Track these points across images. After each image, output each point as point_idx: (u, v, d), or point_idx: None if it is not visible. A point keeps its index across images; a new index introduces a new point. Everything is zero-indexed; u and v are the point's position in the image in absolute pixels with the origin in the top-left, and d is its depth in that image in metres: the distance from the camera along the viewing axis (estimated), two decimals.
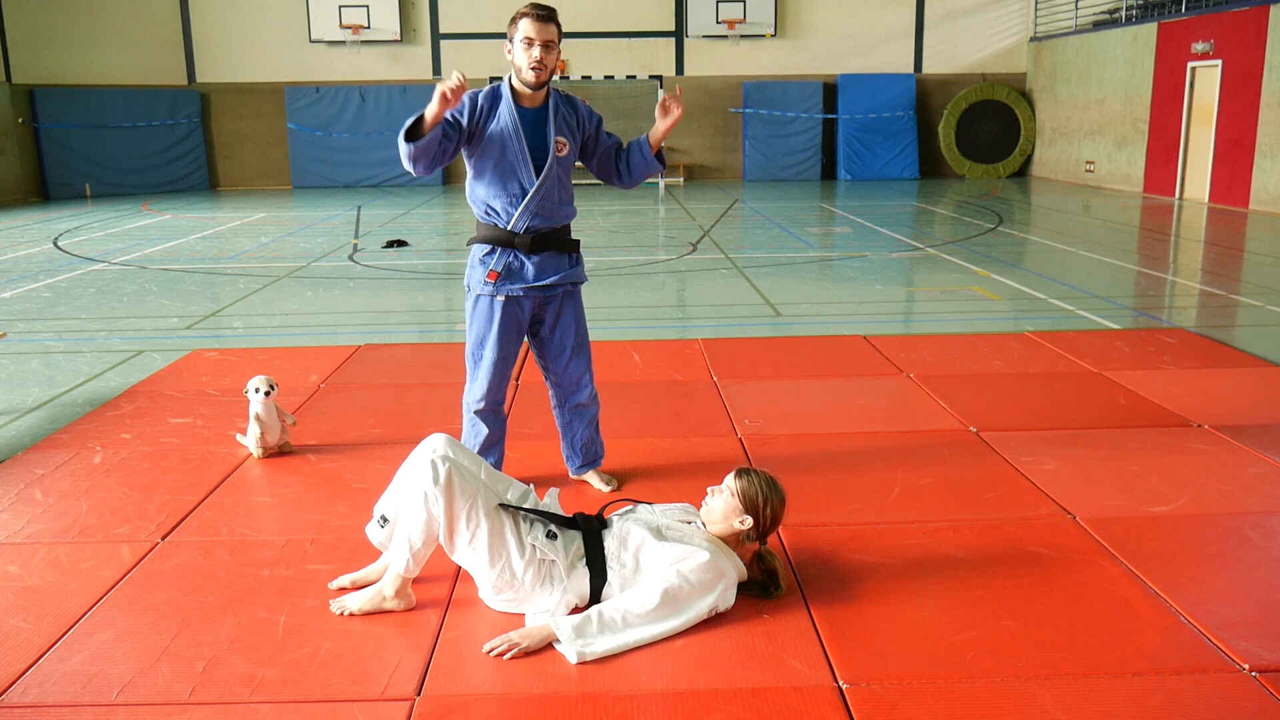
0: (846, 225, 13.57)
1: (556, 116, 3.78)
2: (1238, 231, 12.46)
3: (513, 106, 3.71)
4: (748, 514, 3.12)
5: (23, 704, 2.67)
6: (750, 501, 3.12)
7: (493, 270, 3.81)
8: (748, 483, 3.14)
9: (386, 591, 3.09)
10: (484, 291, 3.84)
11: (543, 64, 3.63)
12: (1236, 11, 14.73)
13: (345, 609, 3.09)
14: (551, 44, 3.65)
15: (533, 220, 3.79)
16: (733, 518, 3.13)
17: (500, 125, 3.70)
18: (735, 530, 3.14)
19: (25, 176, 18.67)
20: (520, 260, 3.82)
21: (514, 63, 3.68)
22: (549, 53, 3.64)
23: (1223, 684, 2.68)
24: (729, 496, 3.14)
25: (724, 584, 3.01)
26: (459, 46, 20.80)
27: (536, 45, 3.61)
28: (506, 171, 3.74)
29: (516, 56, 3.67)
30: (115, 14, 19.82)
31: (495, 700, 2.66)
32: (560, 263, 3.90)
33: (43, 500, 4.03)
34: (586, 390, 4.08)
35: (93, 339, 7.19)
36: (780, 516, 3.17)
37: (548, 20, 3.66)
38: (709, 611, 2.98)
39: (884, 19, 21.03)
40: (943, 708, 2.58)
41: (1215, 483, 4.07)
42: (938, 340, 6.58)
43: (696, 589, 2.95)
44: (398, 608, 3.09)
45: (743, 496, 3.12)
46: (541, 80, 3.67)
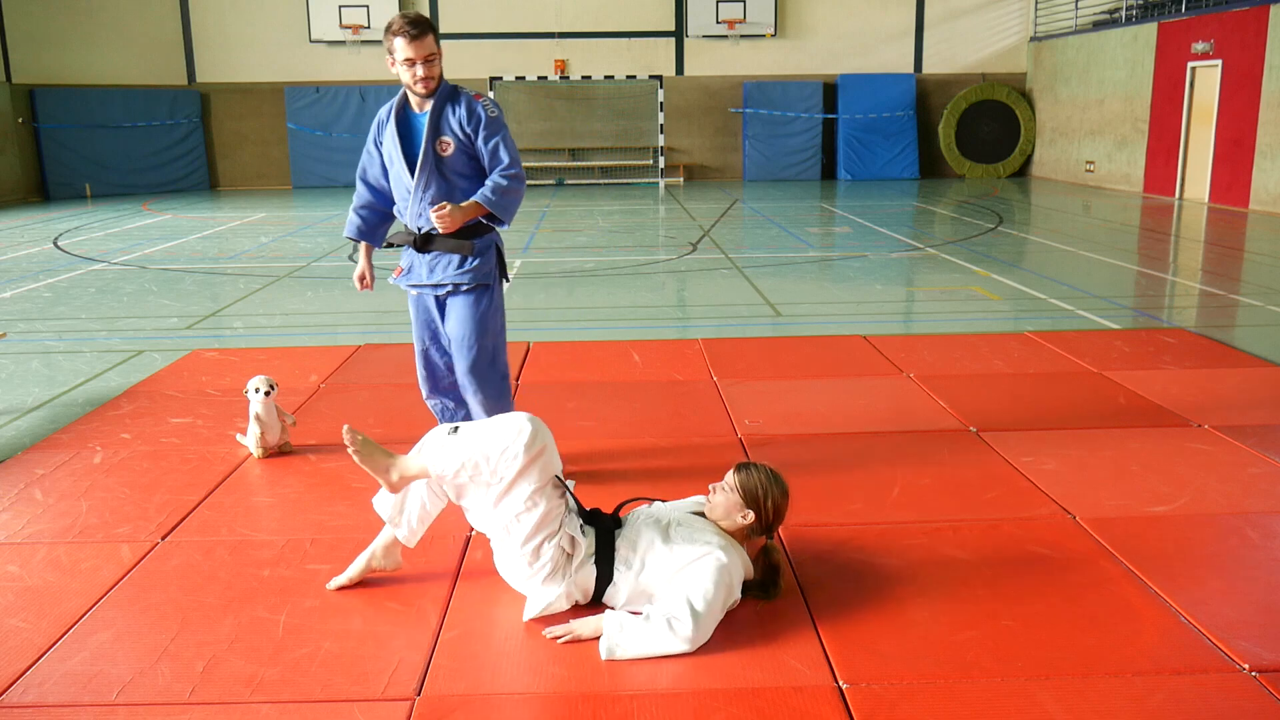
0: (846, 225, 13.57)
1: (439, 118, 3.83)
2: (1238, 231, 12.46)
3: (394, 118, 3.88)
4: (749, 508, 3.11)
5: (23, 704, 2.67)
6: (751, 495, 3.12)
7: (399, 266, 4.02)
8: (747, 476, 3.14)
9: (377, 551, 3.22)
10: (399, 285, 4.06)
11: (428, 77, 3.75)
12: (1236, 11, 14.73)
13: (339, 584, 3.21)
14: (432, 56, 3.73)
15: (419, 220, 3.89)
16: (735, 513, 3.13)
17: (386, 133, 3.90)
18: (739, 525, 3.13)
19: (25, 176, 18.67)
20: (416, 258, 3.96)
21: (400, 77, 3.80)
22: (431, 66, 3.74)
23: (1223, 684, 2.68)
24: (730, 492, 3.14)
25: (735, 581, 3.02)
26: (459, 46, 20.79)
27: (418, 64, 3.71)
28: (397, 178, 3.92)
29: (401, 75, 3.77)
30: (115, 14, 19.82)
31: (495, 700, 2.66)
32: (448, 263, 3.92)
33: (43, 500, 4.03)
34: (475, 397, 4.00)
35: (93, 339, 7.18)
36: (783, 509, 3.17)
37: (422, 35, 3.70)
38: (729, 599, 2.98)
39: (884, 19, 21.03)
40: (943, 708, 2.58)
41: (1215, 483, 4.07)
42: (938, 340, 6.58)
43: (717, 600, 2.93)
44: (385, 567, 3.23)
45: (743, 491, 3.12)
46: (430, 90, 3.79)
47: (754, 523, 3.13)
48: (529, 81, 20.68)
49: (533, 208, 16.61)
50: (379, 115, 4.00)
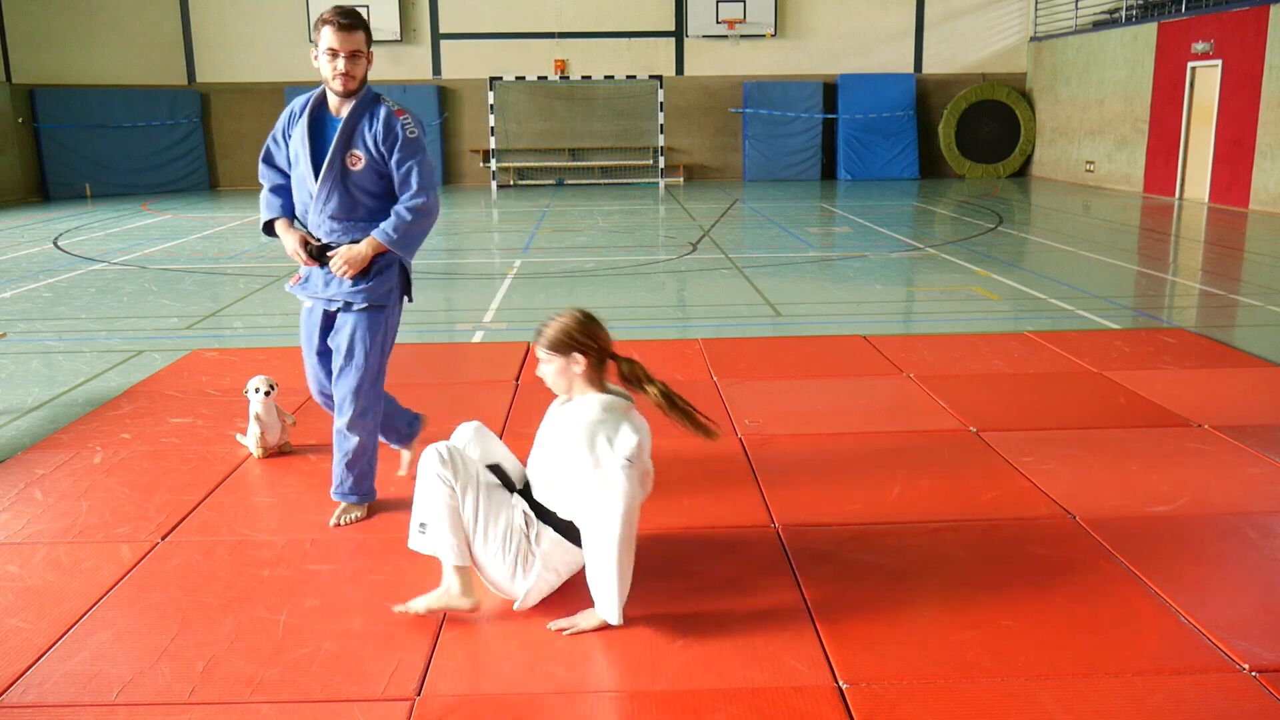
0: (846, 225, 13.57)
1: (354, 129, 3.61)
2: (1238, 231, 12.46)
3: (308, 117, 3.64)
4: (571, 353, 3.04)
5: (23, 704, 2.67)
6: (558, 343, 3.05)
7: (296, 274, 3.83)
8: (541, 334, 3.07)
9: (453, 589, 3.04)
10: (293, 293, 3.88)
11: (350, 74, 3.53)
12: (1236, 11, 14.73)
13: (412, 609, 3.05)
14: (358, 53, 3.53)
15: (318, 231, 3.70)
16: (568, 371, 3.06)
17: (294, 134, 3.69)
18: (583, 377, 3.06)
19: (25, 176, 18.67)
20: (315, 270, 3.75)
21: (321, 71, 3.58)
22: (355, 63, 3.53)
23: (1223, 684, 2.68)
24: (546, 364, 3.08)
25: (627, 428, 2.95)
26: (459, 46, 20.81)
27: (341, 57, 3.51)
28: (300, 180, 3.71)
29: (322, 67, 3.57)
30: (115, 14, 19.82)
31: (495, 700, 2.66)
32: (338, 281, 3.69)
33: (43, 500, 4.03)
34: (345, 416, 3.77)
35: (93, 339, 7.18)
36: (594, 328, 3.09)
37: (352, 29, 3.51)
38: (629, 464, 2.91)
39: (884, 19, 21.03)
40: (943, 708, 2.58)
41: (1215, 483, 4.07)
42: (938, 340, 6.58)
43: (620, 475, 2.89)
44: (464, 607, 3.04)
45: (550, 348, 3.06)
46: (349, 89, 3.56)
47: (590, 361, 3.05)
48: (529, 81, 20.68)
49: (533, 208, 16.61)
50: (291, 106, 3.73)
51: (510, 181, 20.99)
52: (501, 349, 6.57)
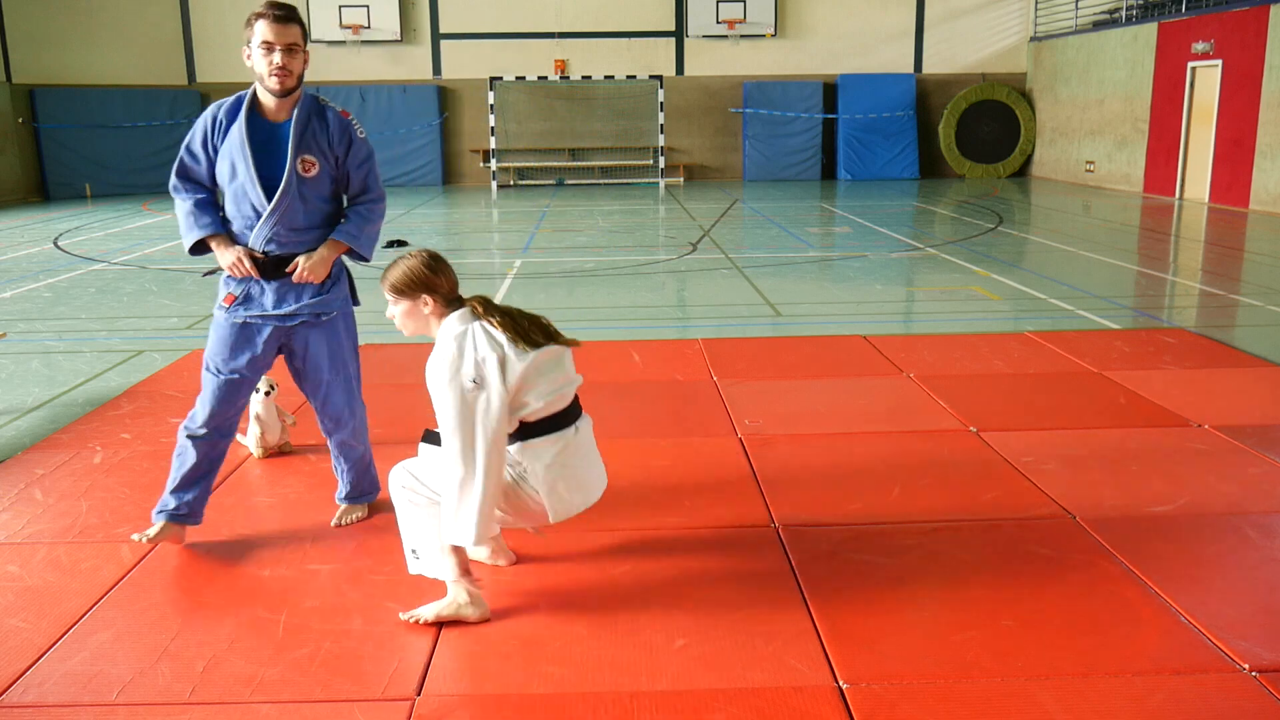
0: (846, 225, 13.57)
1: (304, 132, 3.41)
2: (1238, 231, 12.46)
3: (244, 123, 3.37)
4: (417, 296, 3.00)
5: (23, 704, 2.67)
6: (402, 286, 3.00)
7: (230, 294, 3.52)
8: (391, 278, 3.02)
9: (460, 599, 3.02)
10: (220, 309, 3.54)
11: (286, 70, 3.30)
12: (1236, 11, 14.73)
13: (417, 617, 3.02)
14: (295, 47, 3.31)
15: (268, 245, 3.45)
16: (418, 312, 3.02)
17: (229, 143, 3.38)
18: (432, 314, 3.02)
19: (25, 176, 18.67)
20: (260, 286, 3.49)
21: (254, 70, 3.34)
22: (292, 57, 3.31)
23: (1223, 684, 2.68)
24: (392, 305, 3.04)
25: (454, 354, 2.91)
26: (459, 46, 20.80)
27: (277, 50, 3.28)
28: (239, 193, 3.42)
29: (256, 63, 3.33)
30: (115, 14, 19.82)
31: (495, 700, 2.66)
32: (301, 291, 3.52)
33: (43, 500, 4.03)
34: (348, 427, 3.72)
35: (93, 339, 7.19)
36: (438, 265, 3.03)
37: (288, 21, 3.31)
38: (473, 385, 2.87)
39: (884, 19, 21.04)
40: (943, 708, 2.58)
41: (1215, 483, 4.07)
42: (938, 340, 6.58)
43: (444, 390, 2.87)
44: (473, 617, 3.01)
45: (395, 292, 3.02)
46: (287, 87, 3.33)
47: (438, 300, 3.00)
48: (529, 81, 20.68)
49: (533, 208, 16.61)
50: (211, 114, 3.41)
51: (510, 181, 20.99)
52: None
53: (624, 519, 3.78)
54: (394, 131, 20.58)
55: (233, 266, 3.44)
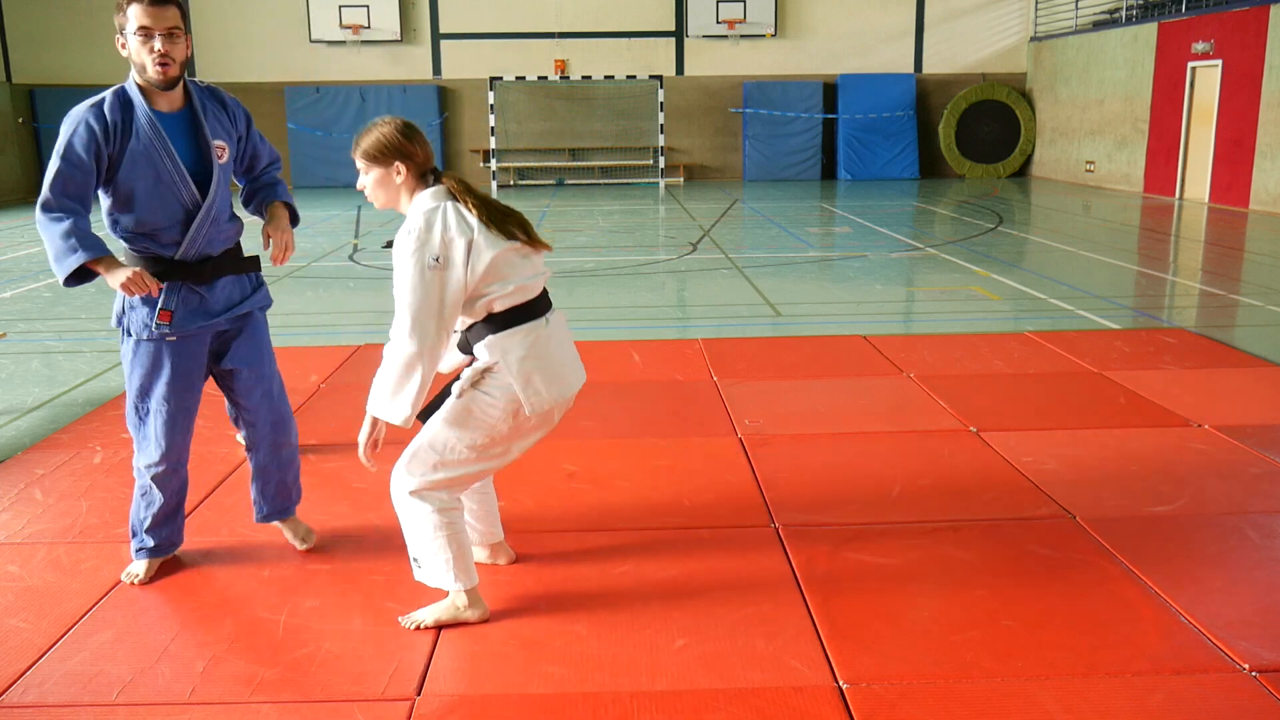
0: (846, 225, 13.57)
1: (208, 117, 3.17)
2: (1238, 231, 12.46)
3: (150, 114, 3.04)
4: (390, 163, 2.88)
5: (23, 704, 2.67)
6: (378, 153, 2.87)
7: (164, 310, 3.11)
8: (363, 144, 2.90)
9: (459, 602, 3.02)
10: (153, 336, 3.13)
11: (168, 57, 2.97)
12: (1236, 11, 14.73)
13: (418, 622, 3.01)
14: (176, 31, 2.98)
15: (206, 245, 3.16)
16: (390, 181, 2.90)
17: (142, 141, 3.02)
18: (404, 185, 2.90)
19: (25, 176, 18.67)
20: (197, 293, 3.16)
21: (133, 60, 3.01)
22: (174, 42, 2.97)
23: (1223, 684, 2.68)
24: (364, 174, 2.93)
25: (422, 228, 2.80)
26: (459, 46, 20.80)
27: (156, 36, 2.95)
28: (163, 194, 3.07)
29: (135, 52, 2.99)
30: None
31: (495, 700, 2.66)
32: (242, 287, 3.28)
33: (43, 500, 4.03)
34: (288, 429, 3.47)
35: (93, 339, 7.19)
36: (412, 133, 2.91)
37: (165, 2, 2.97)
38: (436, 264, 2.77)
39: (884, 19, 21.03)
40: (943, 708, 2.58)
41: (1215, 483, 4.07)
42: (938, 340, 6.58)
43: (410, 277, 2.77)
44: (473, 619, 3.02)
45: (370, 158, 2.89)
46: (171, 76, 3.01)
47: (411, 170, 2.88)
48: (529, 81, 20.69)
49: (533, 208, 16.61)
50: (92, 116, 3.00)
51: (510, 181, 20.99)
52: None
53: (624, 519, 3.78)
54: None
55: (130, 285, 2.97)
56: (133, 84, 3.05)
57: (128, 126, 3.01)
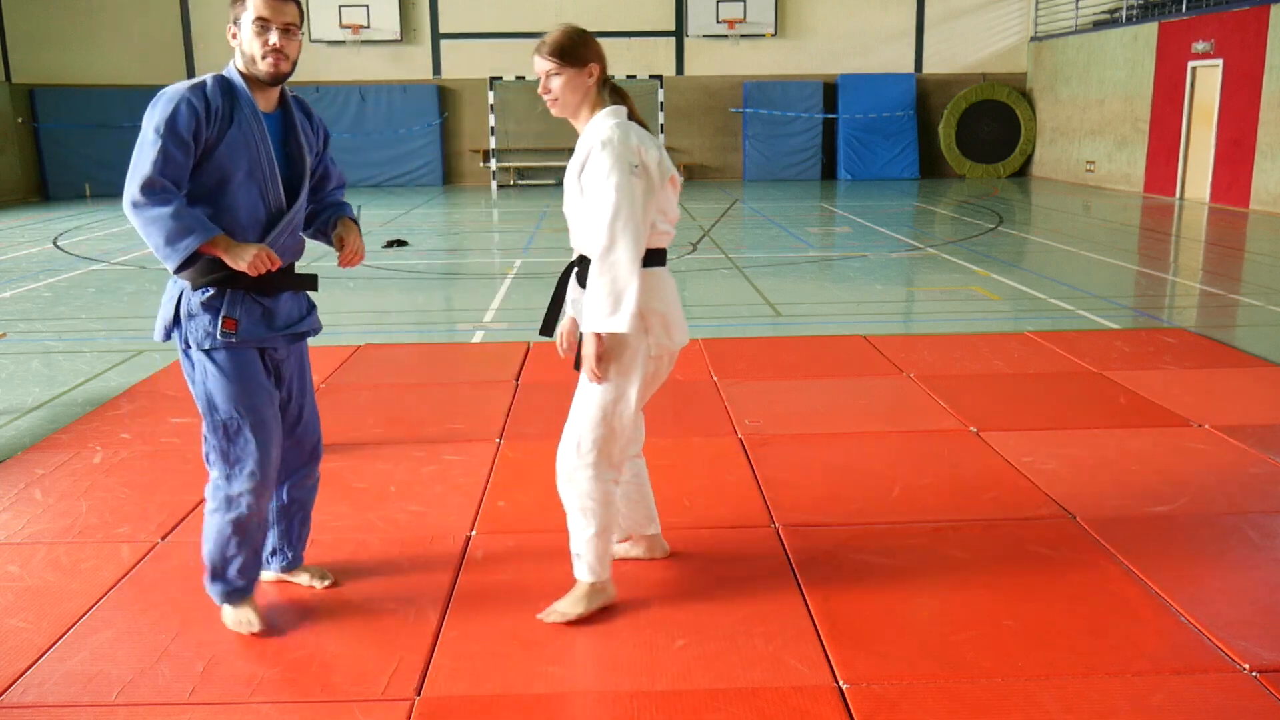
0: (846, 225, 13.57)
1: (299, 124, 3.02)
2: (1238, 231, 12.46)
3: (254, 104, 2.87)
4: (586, 65, 2.79)
5: (23, 704, 2.67)
6: (575, 52, 2.79)
7: (229, 317, 2.86)
8: (555, 42, 2.80)
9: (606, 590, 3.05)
10: (214, 346, 2.87)
11: (282, 53, 2.82)
12: (1236, 11, 14.72)
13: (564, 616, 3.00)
14: (293, 28, 2.84)
15: (281, 253, 2.95)
16: (582, 83, 2.81)
17: (244, 131, 2.83)
18: (591, 90, 2.82)
19: (25, 176, 18.67)
20: (260, 304, 2.92)
21: (243, 50, 2.83)
22: (290, 38, 2.83)
23: (1223, 684, 2.68)
24: (554, 74, 2.80)
25: (620, 135, 2.74)
26: (459, 46, 20.80)
27: (273, 29, 2.80)
28: (251, 191, 2.86)
29: (246, 42, 2.82)
30: (115, 14, 19.83)
31: (495, 700, 2.66)
32: (300, 305, 3.06)
33: (43, 500, 4.03)
34: (317, 461, 3.24)
35: (93, 339, 7.19)
36: (597, 41, 2.86)
37: None
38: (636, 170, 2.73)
39: (884, 19, 21.03)
40: (943, 708, 2.58)
41: (1215, 483, 4.07)
42: (938, 340, 6.58)
43: (611, 167, 2.71)
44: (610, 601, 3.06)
45: (565, 57, 2.78)
46: (282, 72, 2.85)
47: (600, 74, 2.81)
48: (529, 81, 20.66)
49: (533, 208, 16.61)
50: (195, 97, 2.76)
51: (510, 181, 20.99)
52: (501, 349, 6.57)
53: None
54: (394, 131, 20.60)
55: (257, 264, 2.78)
56: (235, 73, 2.87)
57: (229, 112, 2.82)
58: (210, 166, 2.80)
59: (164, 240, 2.73)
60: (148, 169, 2.71)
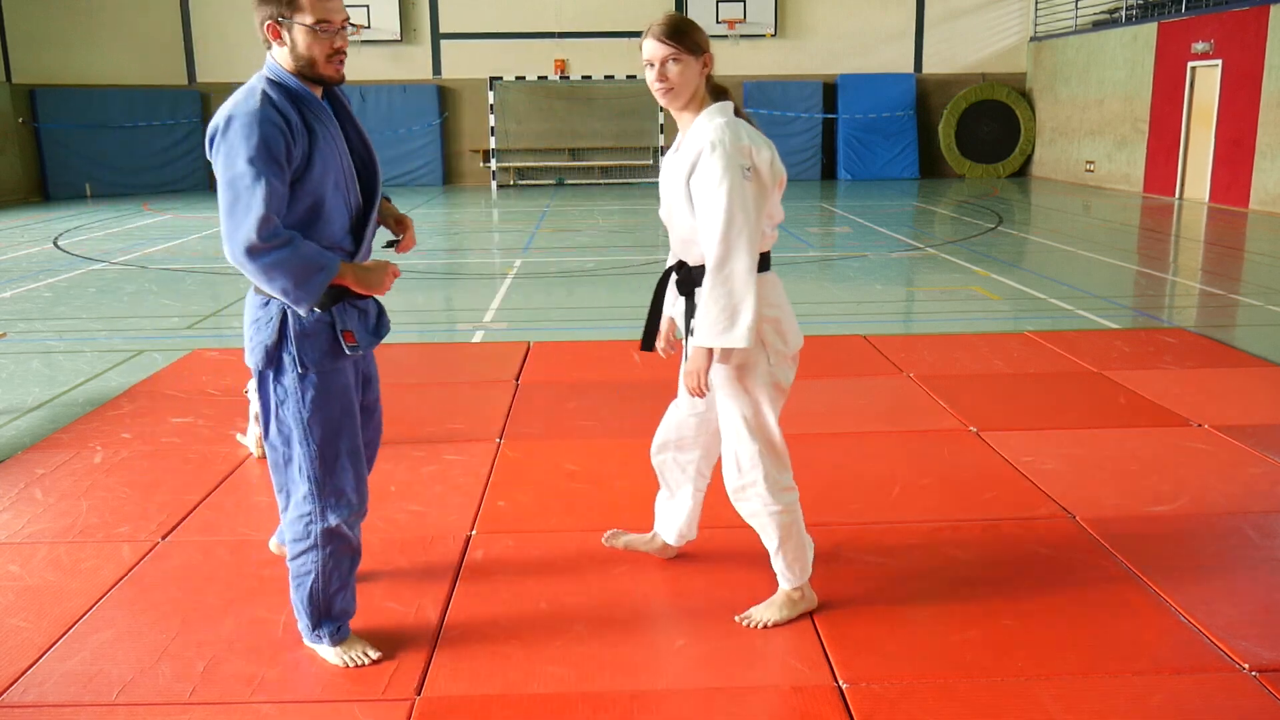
0: (846, 225, 13.57)
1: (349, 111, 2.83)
2: (1238, 231, 12.46)
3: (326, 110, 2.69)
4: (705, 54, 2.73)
5: (23, 704, 2.67)
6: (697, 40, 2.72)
7: (346, 330, 2.71)
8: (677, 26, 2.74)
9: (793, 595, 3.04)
10: (336, 364, 2.71)
11: (344, 54, 2.67)
12: (1236, 11, 14.72)
13: (762, 622, 3.00)
14: (346, 22, 2.66)
15: (366, 255, 2.83)
16: (694, 74, 2.72)
17: (327, 140, 2.64)
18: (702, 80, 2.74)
19: (25, 176, 18.67)
20: (358, 309, 2.79)
21: (299, 52, 2.58)
22: (346, 36, 2.68)
23: (1223, 684, 2.68)
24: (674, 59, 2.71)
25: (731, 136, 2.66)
26: (459, 46, 20.79)
27: (337, 30, 2.62)
28: (338, 200, 2.69)
29: (303, 45, 2.57)
30: (115, 14, 19.82)
31: (495, 700, 2.66)
32: (378, 304, 2.93)
33: (43, 500, 4.03)
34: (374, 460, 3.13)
35: (93, 339, 7.19)
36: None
37: None
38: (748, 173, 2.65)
39: (884, 19, 21.03)
40: (943, 708, 2.58)
41: (1215, 483, 4.07)
42: (938, 340, 6.58)
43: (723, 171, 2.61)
44: (811, 608, 3.06)
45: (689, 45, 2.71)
46: (343, 76, 2.69)
47: (711, 67, 2.75)
48: (529, 81, 20.68)
49: (533, 208, 16.61)
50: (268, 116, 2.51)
51: (510, 181, 20.99)
52: (501, 349, 6.57)
53: (624, 519, 3.78)
54: (394, 131, 20.58)
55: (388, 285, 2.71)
56: (285, 74, 2.62)
57: (305, 123, 2.59)
58: (305, 189, 2.59)
59: (293, 284, 2.53)
60: (260, 208, 2.46)
